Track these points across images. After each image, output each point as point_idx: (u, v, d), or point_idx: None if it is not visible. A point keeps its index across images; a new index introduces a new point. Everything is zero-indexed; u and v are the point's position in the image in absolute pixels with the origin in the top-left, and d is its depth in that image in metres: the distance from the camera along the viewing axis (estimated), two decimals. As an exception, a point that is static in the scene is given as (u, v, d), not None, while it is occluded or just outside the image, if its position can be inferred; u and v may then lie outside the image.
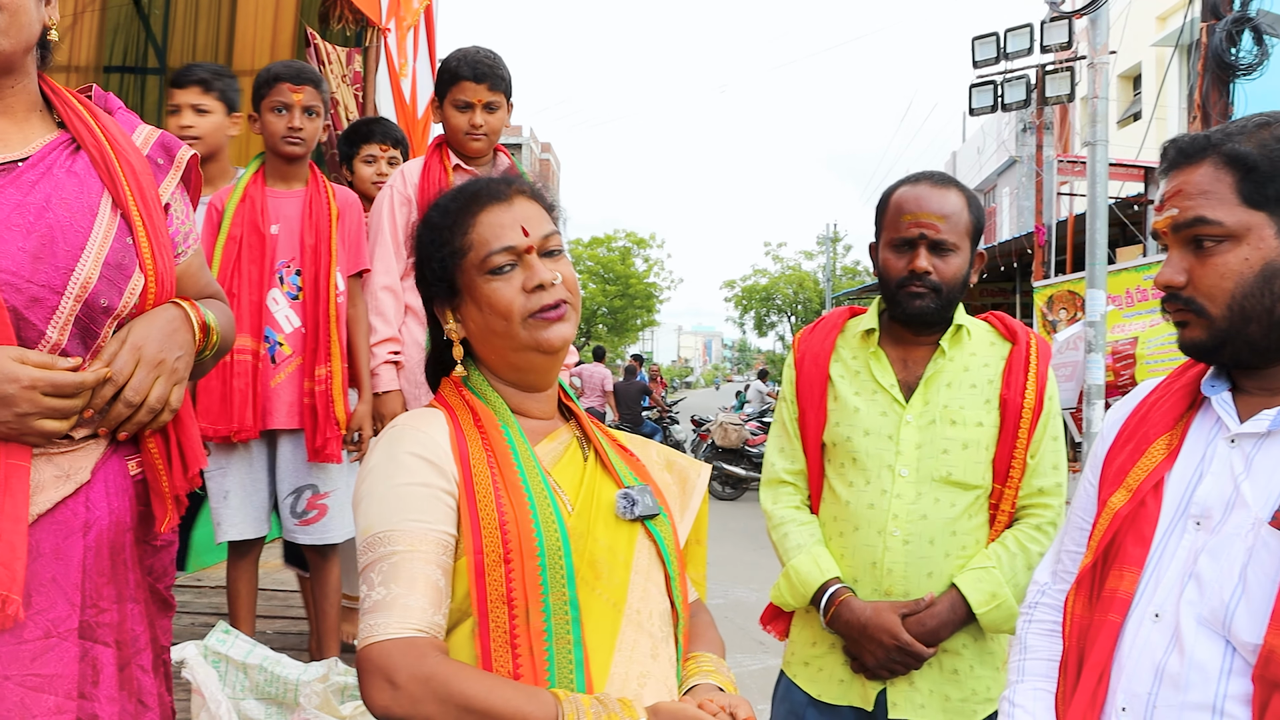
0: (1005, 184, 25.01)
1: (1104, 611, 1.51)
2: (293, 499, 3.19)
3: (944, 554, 2.20)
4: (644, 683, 1.51)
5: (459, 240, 1.60)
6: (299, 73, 3.26)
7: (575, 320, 1.63)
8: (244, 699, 2.56)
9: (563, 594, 1.46)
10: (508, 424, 1.60)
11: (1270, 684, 1.30)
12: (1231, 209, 1.42)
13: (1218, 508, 1.44)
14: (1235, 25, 8.90)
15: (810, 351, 2.39)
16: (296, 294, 3.19)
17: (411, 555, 1.45)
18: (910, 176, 2.34)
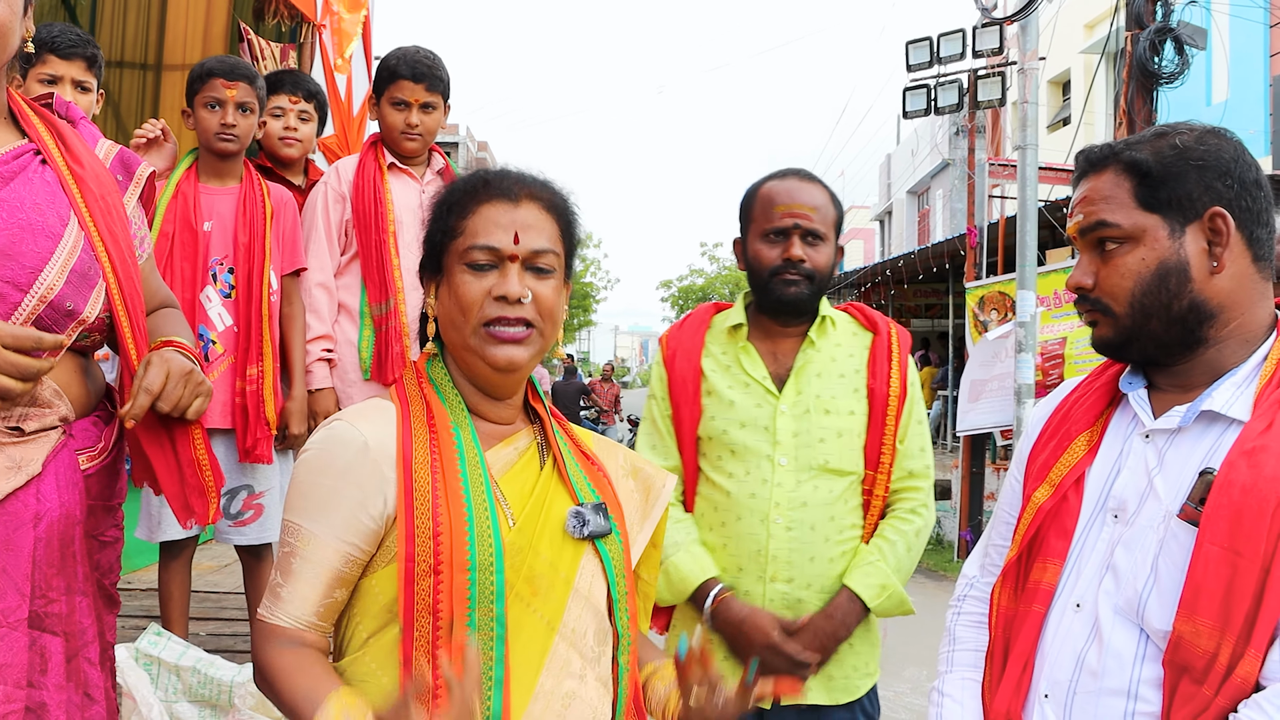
0: (938, 186, 25.37)
1: (1028, 602, 1.57)
2: (226, 500, 3.15)
3: (824, 539, 2.28)
4: (569, 703, 1.49)
5: (454, 221, 1.57)
6: (233, 68, 3.21)
7: (539, 347, 1.56)
8: (177, 701, 2.52)
9: (489, 610, 1.44)
10: (460, 425, 1.55)
11: (1179, 668, 1.36)
12: (1129, 212, 1.50)
13: (1133, 501, 1.50)
14: (1158, 35, 9.14)
15: (681, 348, 2.43)
16: (229, 292, 3.15)
17: (304, 554, 1.48)
18: (776, 172, 2.41)
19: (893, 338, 2.43)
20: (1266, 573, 1.31)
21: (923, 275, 15.68)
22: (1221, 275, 1.48)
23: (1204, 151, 1.49)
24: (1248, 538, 1.33)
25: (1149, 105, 9.21)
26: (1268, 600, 1.30)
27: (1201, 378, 1.52)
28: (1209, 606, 1.34)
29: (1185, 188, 1.48)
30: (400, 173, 3.36)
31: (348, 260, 3.35)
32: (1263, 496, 1.33)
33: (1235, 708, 1.30)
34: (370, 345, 3.28)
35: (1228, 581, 1.33)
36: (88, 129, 1.80)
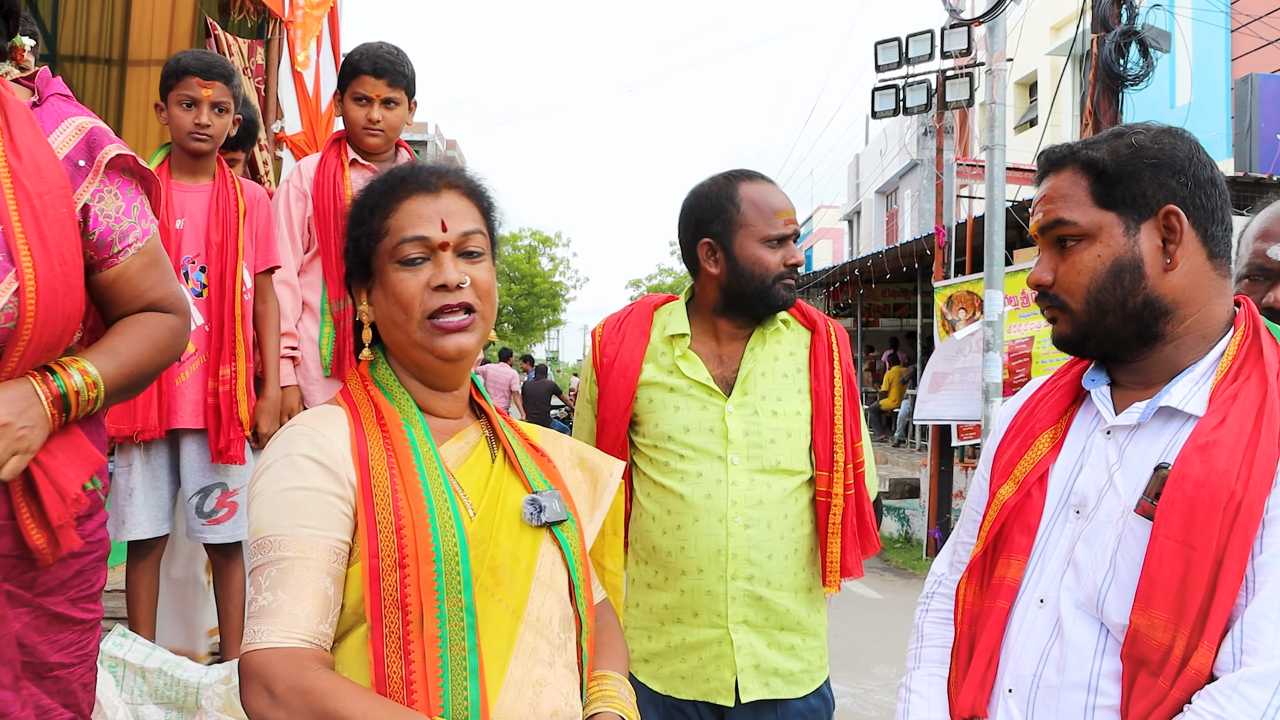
0: (907, 186, 25.52)
1: (993, 598, 1.59)
2: (199, 499, 3.12)
3: (779, 536, 2.31)
4: (540, 690, 1.50)
5: (378, 222, 1.58)
6: (209, 67, 3.14)
7: (482, 331, 1.59)
8: (142, 704, 2.49)
9: (458, 600, 1.44)
10: (411, 422, 1.56)
11: (1136, 661, 1.38)
12: (1086, 210, 1.53)
13: (1093, 497, 1.53)
14: (1124, 38, 9.25)
15: (620, 359, 2.41)
16: (201, 291, 3.11)
17: (301, 562, 1.42)
18: (746, 174, 2.41)
19: (832, 335, 2.46)
20: (1219, 565, 1.32)
21: (891, 275, 15.77)
22: (1175, 272, 1.50)
23: (1158, 150, 1.52)
24: (1201, 531, 1.34)
25: (1115, 107, 9.32)
26: (1220, 593, 1.32)
27: (1160, 374, 1.54)
28: (1164, 600, 1.36)
29: (1140, 186, 1.50)
30: (363, 169, 3.34)
31: (310, 258, 3.34)
32: (1214, 490, 1.35)
33: (1190, 699, 1.32)
34: (330, 342, 3.27)
35: (1182, 575, 1.35)
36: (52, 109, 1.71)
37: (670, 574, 2.31)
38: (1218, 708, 1.28)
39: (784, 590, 2.31)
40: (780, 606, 2.31)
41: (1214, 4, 13.64)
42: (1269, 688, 1.26)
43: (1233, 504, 1.34)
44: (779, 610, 2.31)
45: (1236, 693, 1.28)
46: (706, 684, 2.29)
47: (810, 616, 2.36)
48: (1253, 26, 12.94)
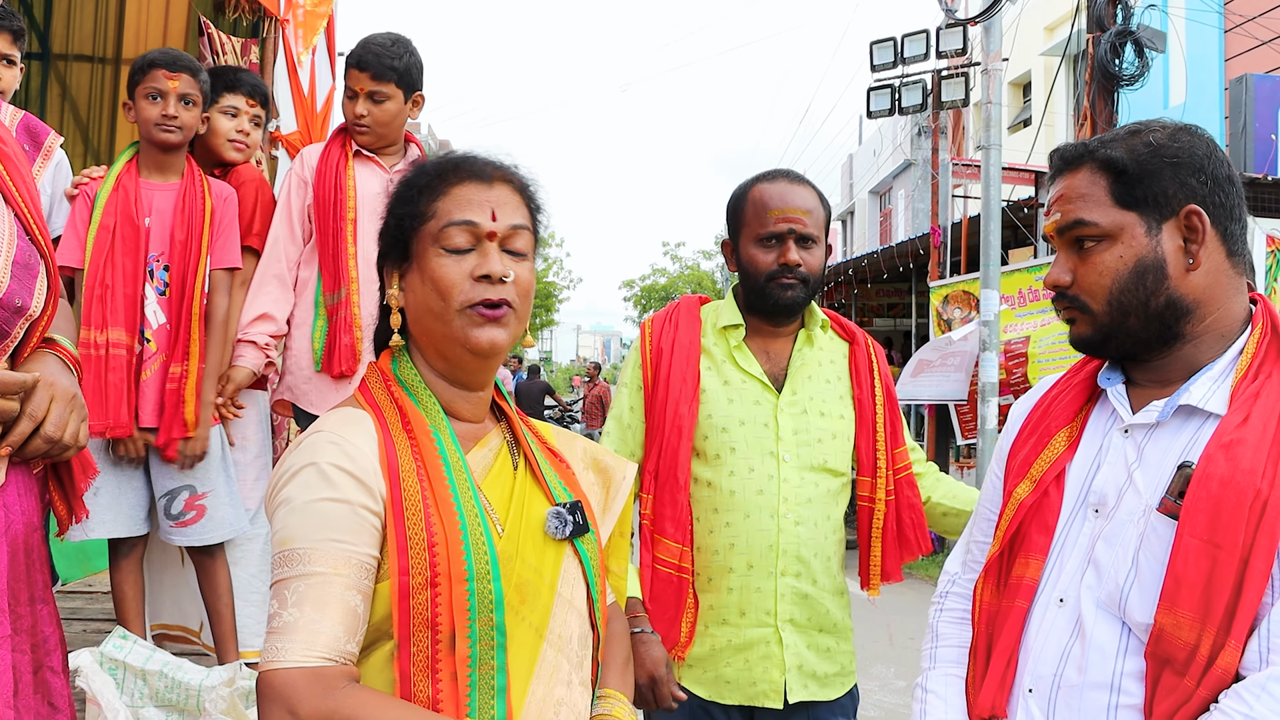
0: (901, 186, 25.54)
1: (1011, 598, 1.58)
2: (166, 500, 3.10)
3: (824, 535, 2.32)
4: (559, 710, 1.46)
5: (424, 204, 1.51)
6: (175, 60, 3.14)
7: (515, 329, 1.52)
8: (143, 706, 2.46)
9: (489, 620, 1.39)
10: (439, 429, 1.50)
11: (1161, 660, 1.37)
12: (1106, 210, 1.51)
13: (1113, 495, 1.52)
14: (1119, 38, 9.25)
15: (678, 346, 2.39)
16: (164, 289, 3.09)
17: (330, 578, 1.35)
18: (766, 174, 2.41)
19: (870, 348, 2.49)
20: (1245, 564, 1.32)
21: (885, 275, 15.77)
22: (1198, 272, 1.49)
23: (1178, 149, 1.50)
24: (1227, 530, 1.34)
25: (1110, 107, 9.32)
26: (1246, 591, 1.31)
27: (1179, 373, 1.53)
28: (1190, 598, 1.35)
29: (1161, 185, 1.49)
30: (367, 160, 3.29)
31: (311, 248, 3.29)
32: (1240, 489, 1.34)
33: (1216, 698, 1.32)
34: (323, 336, 3.22)
35: (1208, 573, 1.34)
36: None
37: (716, 573, 2.29)
38: (1246, 707, 1.28)
39: (826, 591, 2.32)
40: (822, 607, 2.31)
41: (1208, 4, 13.66)
42: None
43: (1259, 503, 1.33)
44: (820, 610, 2.31)
45: (1266, 692, 1.27)
46: (754, 687, 2.27)
47: (844, 619, 2.37)
48: (1246, 27, 12.97)
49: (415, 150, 3.40)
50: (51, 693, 1.62)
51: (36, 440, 1.56)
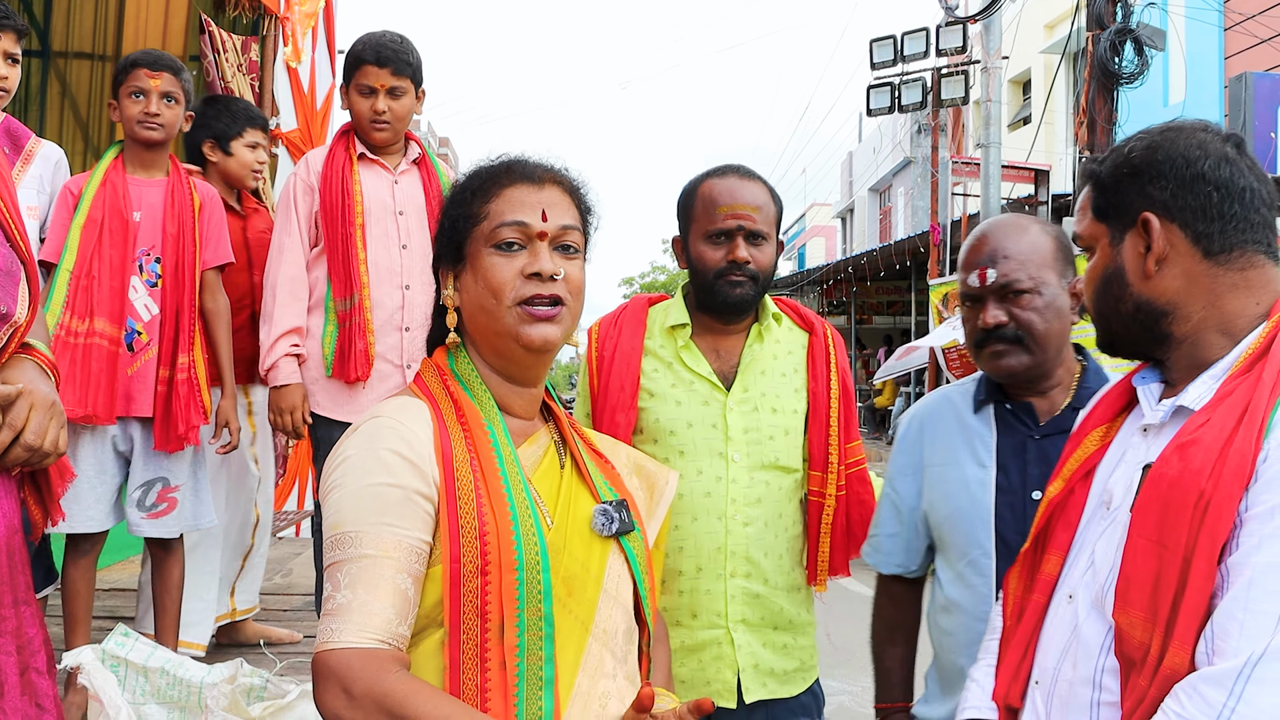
0: (900, 184, 25.55)
1: (1034, 592, 1.62)
2: (142, 491, 3.13)
3: (775, 534, 2.30)
4: (605, 703, 1.47)
5: (478, 206, 1.57)
6: (157, 59, 3.20)
7: (568, 326, 1.56)
8: (145, 703, 2.47)
9: (538, 610, 1.41)
10: (493, 423, 1.53)
11: (1127, 660, 1.37)
12: (1090, 223, 1.58)
13: (1119, 494, 1.52)
14: (1118, 36, 9.26)
15: (619, 352, 2.37)
16: (156, 281, 3.13)
17: (381, 560, 1.38)
18: (716, 169, 2.37)
19: (829, 338, 2.44)
20: (1188, 564, 1.31)
21: (884, 272, 15.81)
22: (1163, 275, 1.50)
23: (1138, 159, 1.51)
24: (1171, 530, 1.33)
25: (1109, 104, 9.33)
26: (1190, 592, 1.30)
27: (1185, 372, 1.52)
28: (1139, 599, 1.35)
29: (1121, 196, 1.53)
30: (371, 163, 3.28)
31: (318, 254, 3.28)
32: (1186, 489, 1.33)
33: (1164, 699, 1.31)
34: (333, 341, 3.20)
35: (1155, 573, 1.34)
36: None
37: (667, 576, 2.28)
38: (1180, 706, 1.27)
39: (779, 589, 2.30)
40: (775, 605, 2.30)
41: (1208, 2, 13.67)
42: (1225, 688, 1.24)
43: (1202, 502, 1.31)
44: (774, 609, 2.30)
45: (1196, 692, 1.26)
46: (707, 687, 2.26)
47: (801, 615, 2.35)
48: (1245, 25, 12.97)
49: (416, 148, 3.39)
50: (38, 694, 1.63)
51: (16, 449, 1.56)
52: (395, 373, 3.22)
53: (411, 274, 3.24)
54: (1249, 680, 1.23)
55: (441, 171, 3.42)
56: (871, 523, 2.28)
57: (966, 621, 1.94)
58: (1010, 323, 2.01)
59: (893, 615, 2.25)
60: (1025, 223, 2.13)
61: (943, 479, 2.10)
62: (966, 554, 2.04)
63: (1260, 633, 1.24)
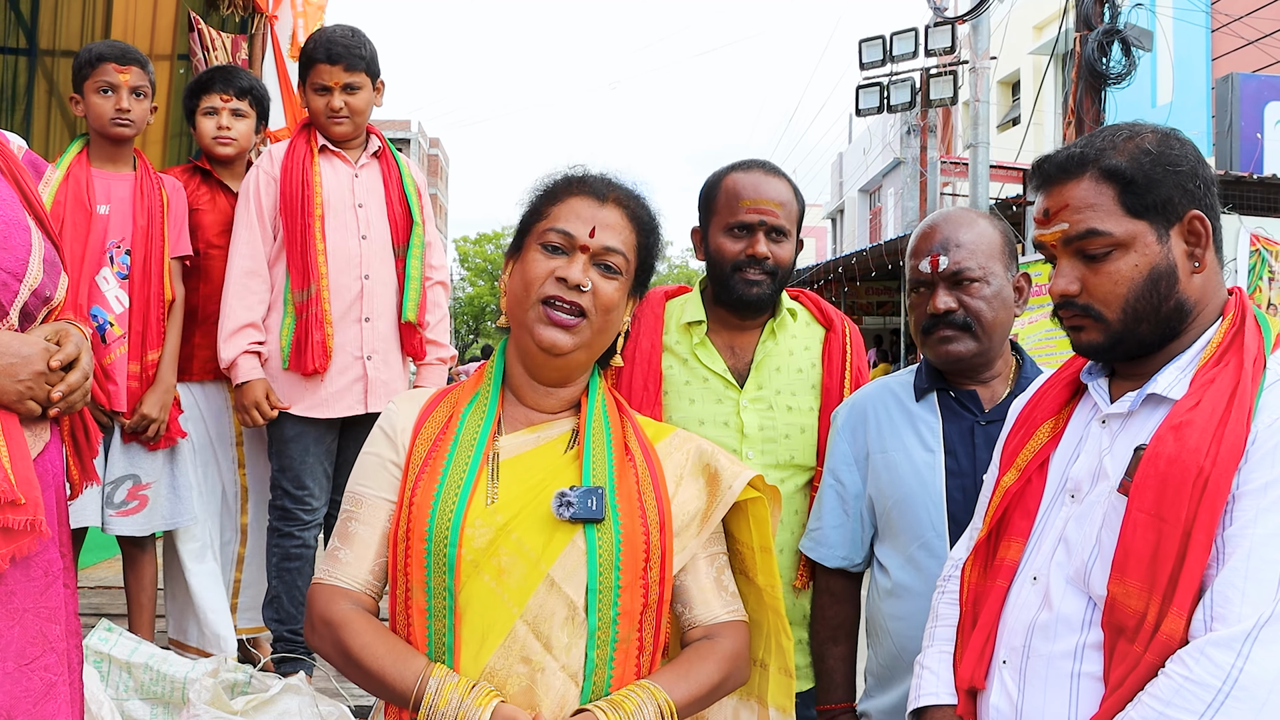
0: (890, 184, 25.58)
1: (993, 578, 1.66)
2: (111, 488, 3.10)
3: (789, 532, 2.30)
4: (506, 682, 1.50)
5: (544, 205, 1.67)
6: (124, 52, 3.17)
7: (586, 339, 1.61)
8: (128, 699, 2.47)
9: (442, 581, 1.53)
10: (478, 404, 1.66)
11: (1115, 629, 1.45)
12: (1119, 220, 1.54)
13: (1087, 481, 1.59)
14: (1106, 36, 9.30)
15: (640, 350, 2.34)
16: (125, 274, 3.12)
17: (357, 516, 1.63)
18: (741, 163, 2.36)
19: (847, 336, 2.43)
20: (1188, 536, 1.38)
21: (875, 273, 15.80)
22: (1200, 273, 1.55)
23: (1175, 155, 1.54)
24: (1171, 505, 1.40)
25: (1097, 105, 9.37)
26: (1189, 562, 1.38)
27: (1157, 364, 1.58)
28: (1137, 569, 1.42)
29: (1166, 193, 1.53)
30: (332, 155, 3.29)
31: (278, 249, 3.27)
32: (1185, 466, 1.40)
33: (1163, 663, 1.38)
34: (290, 333, 3.20)
35: (1154, 545, 1.41)
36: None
37: None
38: (1186, 669, 1.35)
39: (788, 586, 2.30)
40: (787, 601, 2.26)
41: (1195, 4, 13.73)
42: (1233, 650, 1.32)
43: (1201, 479, 1.39)
44: (788, 605, 2.27)
45: (1204, 655, 1.34)
46: None
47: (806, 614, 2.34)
48: (1232, 26, 13.03)
49: (376, 141, 3.40)
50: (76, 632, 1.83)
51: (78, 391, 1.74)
52: (355, 364, 3.22)
53: (371, 264, 3.25)
54: (1255, 642, 1.33)
55: (403, 163, 3.43)
56: (812, 515, 2.26)
57: (921, 604, 1.95)
58: (959, 309, 2.04)
59: (835, 613, 2.24)
60: (974, 215, 2.18)
61: (890, 465, 2.12)
62: (919, 536, 2.07)
63: (1263, 599, 1.33)
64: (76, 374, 1.72)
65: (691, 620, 1.67)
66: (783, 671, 1.77)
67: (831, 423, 2.26)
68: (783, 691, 1.77)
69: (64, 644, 1.69)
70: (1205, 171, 1.56)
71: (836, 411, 2.26)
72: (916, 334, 2.14)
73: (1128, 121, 1.63)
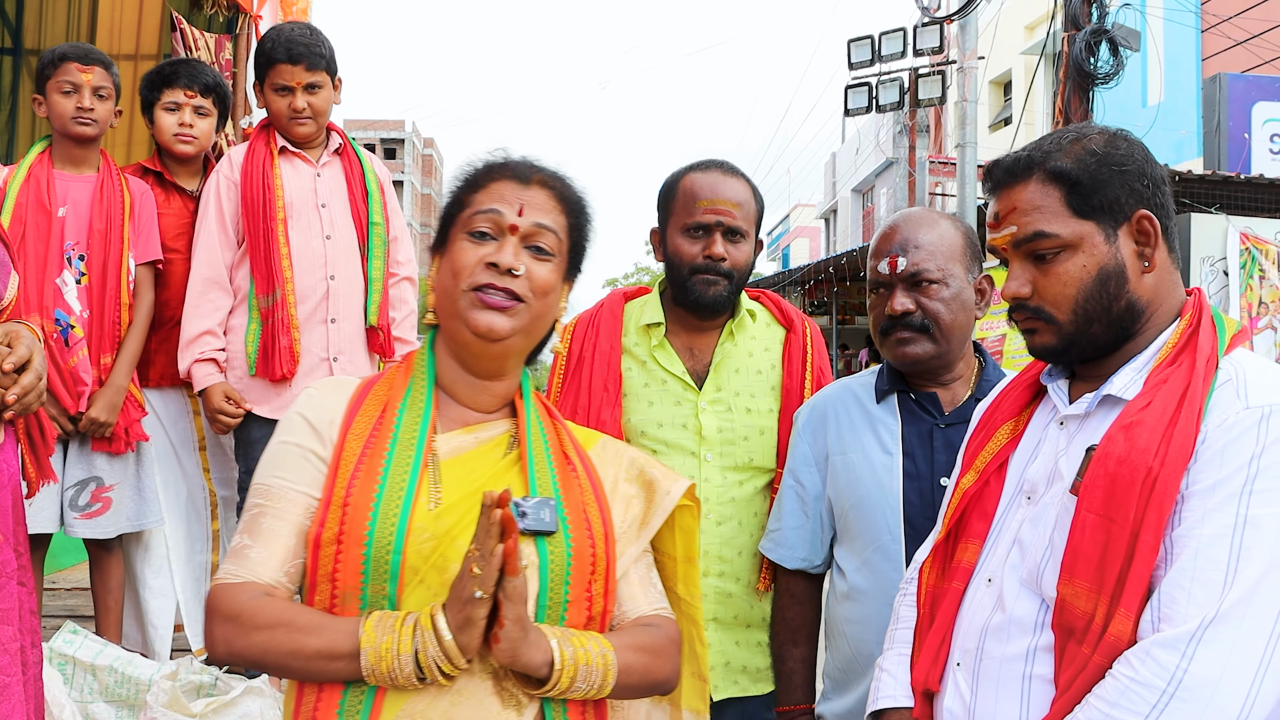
0: (883, 184, 25.57)
1: (949, 580, 1.66)
2: (75, 491, 3.09)
3: (749, 534, 2.29)
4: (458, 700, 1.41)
5: (465, 194, 1.61)
6: (87, 53, 3.16)
7: (523, 323, 1.55)
8: (93, 702, 2.47)
9: (382, 589, 1.43)
10: (410, 404, 1.56)
11: (1065, 630, 1.44)
12: (1065, 221, 1.54)
13: (1043, 483, 1.58)
14: (1094, 36, 9.31)
15: (600, 351, 2.34)
16: (80, 279, 3.10)
17: (270, 510, 1.49)
18: (699, 163, 2.35)
19: (807, 336, 2.42)
20: (1135, 537, 1.38)
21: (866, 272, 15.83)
22: (1150, 273, 1.55)
23: (1121, 156, 1.55)
24: (1119, 505, 1.40)
25: (1085, 105, 9.38)
26: (1136, 563, 1.38)
27: (1115, 365, 1.58)
28: (1086, 570, 1.42)
29: (1113, 193, 1.53)
30: (293, 156, 3.26)
31: (241, 254, 3.24)
32: (1134, 467, 1.40)
33: (1111, 665, 1.38)
34: (256, 339, 3.17)
35: (1103, 546, 1.41)
36: None
37: None
38: (1132, 671, 1.34)
39: (753, 588, 2.29)
40: (747, 604, 2.29)
41: (1184, 4, 13.74)
42: (1178, 650, 1.32)
43: (1150, 479, 1.39)
44: (746, 607, 2.29)
45: (1149, 656, 1.34)
46: None
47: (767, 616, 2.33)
48: (1221, 27, 13.04)
49: (337, 139, 3.38)
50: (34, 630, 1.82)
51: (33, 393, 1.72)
52: (321, 366, 3.20)
53: (336, 264, 3.23)
54: (1200, 643, 1.32)
55: (365, 160, 3.40)
56: (772, 516, 2.26)
57: (876, 608, 1.95)
58: (917, 311, 2.05)
59: (795, 615, 2.23)
60: (936, 217, 2.17)
61: (849, 466, 2.12)
62: (875, 540, 2.06)
63: (1208, 599, 1.34)
64: (29, 375, 1.69)
65: (623, 616, 1.63)
66: (696, 676, 1.76)
67: (793, 424, 2.26)
68: (696, 695, 1.76)
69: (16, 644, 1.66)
70: (1155, 171, 1.56)
71: (798, 413, 2.26)
72: (875, 335, 2.13)
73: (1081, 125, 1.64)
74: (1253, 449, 1.38)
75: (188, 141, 3.38)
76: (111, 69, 3.18)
